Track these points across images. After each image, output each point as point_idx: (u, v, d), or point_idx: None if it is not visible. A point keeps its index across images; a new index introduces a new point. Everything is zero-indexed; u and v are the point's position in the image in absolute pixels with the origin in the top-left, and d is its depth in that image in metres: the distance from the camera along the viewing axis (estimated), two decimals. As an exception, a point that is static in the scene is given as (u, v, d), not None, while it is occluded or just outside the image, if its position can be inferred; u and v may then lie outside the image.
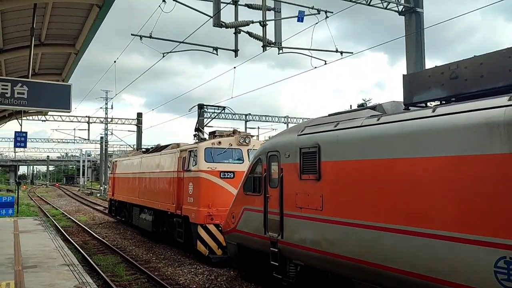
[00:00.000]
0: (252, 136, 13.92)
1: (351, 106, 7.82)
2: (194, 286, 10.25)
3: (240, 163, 12.61)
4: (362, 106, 7.45)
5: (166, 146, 16.83)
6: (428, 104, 6.32)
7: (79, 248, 14.63)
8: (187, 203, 13.20)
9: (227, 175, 12.62)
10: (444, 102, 6.00)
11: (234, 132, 13.68)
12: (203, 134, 14.95)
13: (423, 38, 17.39)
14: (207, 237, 12.29)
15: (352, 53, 15.64)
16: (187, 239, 13.30)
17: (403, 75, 6.59)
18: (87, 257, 13.16)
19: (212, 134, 14.05)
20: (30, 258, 11.08)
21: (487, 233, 4.75)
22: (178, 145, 15.29)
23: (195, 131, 15.04)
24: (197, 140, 14.67)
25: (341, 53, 15.31)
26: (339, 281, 7.03)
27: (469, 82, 5.61)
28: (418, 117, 5.74)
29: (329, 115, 8.17)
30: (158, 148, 18.15)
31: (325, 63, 15.06)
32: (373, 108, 7.17)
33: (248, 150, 12.86)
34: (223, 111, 18.03)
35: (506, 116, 4.70)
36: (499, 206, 4.68)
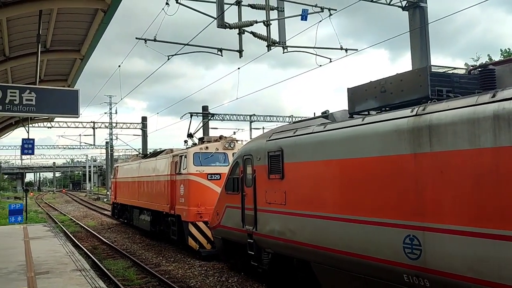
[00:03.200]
0: (237, 140, 15.33)
1: (314, 113, 8.58)
2: (205, 288, 10.24)
3: (226, 166, 13.89)
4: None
5: (162, 151, 18.59)
6: (371, 112, 7.57)
7: (89, 253, 14.78)
8: (179, 203, 14.79)
9: (214, 177, 14.13)
10: (379, 111, 7.32)
11: (221, 137, 15.20)
12: (193, 140, 16.52)
13: (427, 33, 17.34)
14: (197, 233, 13.85)
15: (357, 50, 15.71)
16: (180, 236, 14.83)
17: (347, 88, 7.89)
18: (97, 262, 13.23)
19: (201, 140, 15.64)
20: (42, 264, 11.23)
21: (398, 217, 6.16)
22: (171, 150, 16.99)
23: (187, 137, 16.55)
24: (188, 146, 16.20)
25: (346, 50, 15.31)
26: (302, 265, 8.43)
27: (394, 95, 6.94)
28: (352, 125, 7.13)
29: (293, 122, 9.71)
30: (154, 154, 20.05)
31: (330, 61, 15.07)
32: (326, 116, 8.49)
33: (233, 153, 14.12)
34: (212, 118, 20.96)
35: (408, 124, 6.12)
36: (404, 195, 6.10)
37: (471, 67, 6.77)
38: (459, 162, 5.41)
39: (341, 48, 15.52)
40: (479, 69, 6.33)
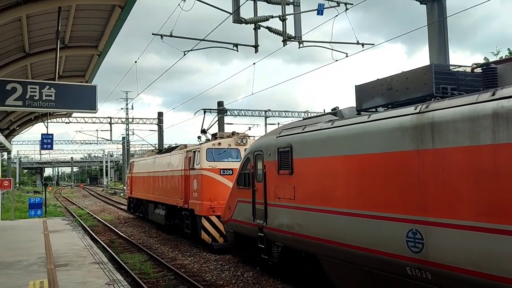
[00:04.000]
0: (249, 136, 15.54)
1: (324, 110, 8.77)
2: (221, 282, 10.40)
3: (238, 161, 14.16)
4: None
5: (176, 147, 18.99)
6: (378, 109, 7.72)
7: (107, 247, 14.98)
8: (193, 198, 15.19)
9: (226, 172, 14.48)
10: (386, 108, 7.46)
11: (233, 133, 15.48)
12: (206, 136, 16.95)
13: (446, 27, 16.92)
14: (210, 227, 14.22)
15: (373, 44, 15.53)
16: (193, 229, 15.22)
17: (355, 85, 8.07)
18: (114, 255, 13.42)
19: (214, 136, 16.01)
20: (61, 257, 11.47)
21: (401, 212, 6.35)
22: (185, 146, 17.41)
23: (201, 133, 16.95)
24: (201, 141, 16.59)
25: (362, 45, 15.15)
26: (310, 258, 8.71)
27: (400, 93, 7.12)
28: (358, 122, 7.32)
29: (303, 119, 9.95)
30: (169, 149, 20.48)
31: (347, 56, 14.92)
32: (334, 113, 8.69)
33: (245, 149, 14.51)
34: (225, 114, 21.30)
35: (412, 122, 6.29)
36: (407, 191, 6.29)
37: (474, 65, 6.83)
38: (460, 158, 5.59)
39: (358, 43, 15.36)
40: (482, 68, 6.44)
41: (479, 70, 6.62)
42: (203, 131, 16.81)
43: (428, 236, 5.94)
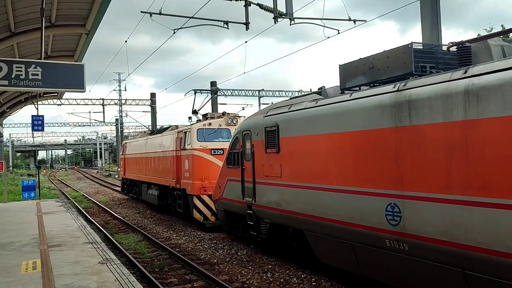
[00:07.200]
0: (240, 116, 15.65)
1: (311, 89, 8.80)
2: (215, 260, 10.46)
3: (229, 141, 14.55)
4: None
5: (168, 128, 19.15)
6: (361, 88, 7.91)
7: (101, 228, 14.97)
8: (184, 178, 15.45)
9: (217, 152, 14.67)
10: (368, 86, 7.63)
11: (224, 114, 15.61)
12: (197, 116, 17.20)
13: (438, 3, 16.66)
14: (202, 206, 14.48)
15: (365, 21, 15.42)
16: (186, 209, 15.52)
17: (339, 65, 8.18)
18: (109, 236, 13.41)
19: (204, 116, 16.17)
20: (55, 237, 11.46)
21: (381, 187, 6.63)
22: (176, 126, 17.57)
23: (192, 113, 17.10)
24: (192, 122, 16.76)
25: (354, 21, 15.00)
26: (296, 234, 9.05)
27: (381, 71, 7.29)
28: (340, 101, 7.53)
29: (290, 98, 10.18)
30: (160, 130, 20.66)
31: (338, 32, 14.80)
32: (319, 92, 8.84)
33: (235, 129, 14.01)
34: (216, 95, 21.31)
35: (390, 100, 6.50)
36: (386, 166, 6.54)
37: (450, 44, 7.00)
38: (434, 134, 5.86)
39: (349, 19, 15.21)
40: (457, 46, 6.62)
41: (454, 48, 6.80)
42: (194, 112, 17.01)
43: (405, 210, 6.25)
